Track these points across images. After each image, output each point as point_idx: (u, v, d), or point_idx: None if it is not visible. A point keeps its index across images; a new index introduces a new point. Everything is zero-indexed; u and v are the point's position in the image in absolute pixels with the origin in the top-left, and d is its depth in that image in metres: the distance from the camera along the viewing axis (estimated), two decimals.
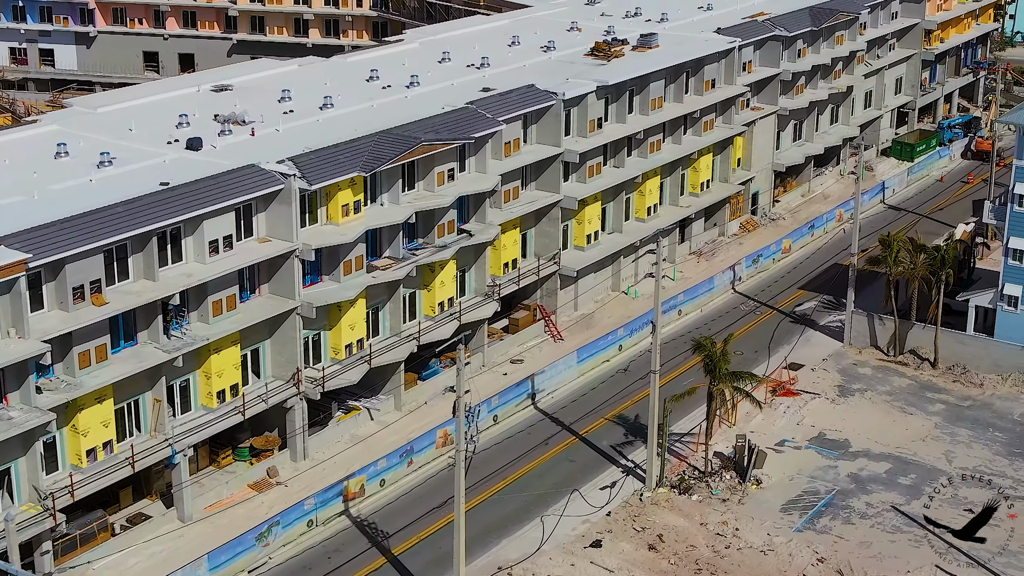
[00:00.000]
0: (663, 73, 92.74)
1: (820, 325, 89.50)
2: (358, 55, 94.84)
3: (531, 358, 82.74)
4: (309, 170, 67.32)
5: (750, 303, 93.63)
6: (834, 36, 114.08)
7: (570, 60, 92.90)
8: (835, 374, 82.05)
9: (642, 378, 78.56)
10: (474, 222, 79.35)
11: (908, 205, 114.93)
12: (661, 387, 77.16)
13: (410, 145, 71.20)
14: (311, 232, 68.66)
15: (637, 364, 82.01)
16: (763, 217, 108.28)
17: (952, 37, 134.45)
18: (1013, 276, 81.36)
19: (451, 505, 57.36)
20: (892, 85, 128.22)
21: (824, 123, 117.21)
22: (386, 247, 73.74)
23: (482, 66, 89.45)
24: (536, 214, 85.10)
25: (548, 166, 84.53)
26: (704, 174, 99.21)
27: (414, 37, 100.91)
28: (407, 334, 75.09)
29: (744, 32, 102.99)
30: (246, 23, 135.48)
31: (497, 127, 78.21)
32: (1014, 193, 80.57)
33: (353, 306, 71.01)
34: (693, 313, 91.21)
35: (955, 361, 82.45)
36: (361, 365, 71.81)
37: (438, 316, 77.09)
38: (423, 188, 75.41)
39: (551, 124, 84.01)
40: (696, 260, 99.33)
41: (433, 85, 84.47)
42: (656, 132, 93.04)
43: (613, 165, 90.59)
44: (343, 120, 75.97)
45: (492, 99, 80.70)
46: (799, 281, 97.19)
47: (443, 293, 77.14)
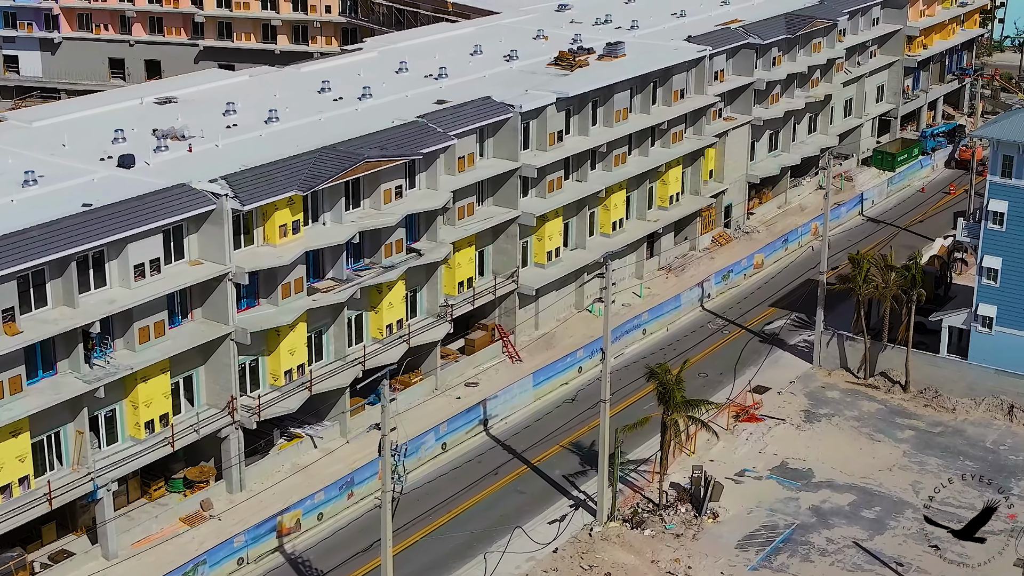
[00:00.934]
0: (628, 83, 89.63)
1: (789, 345, 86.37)
2: (312, 65, 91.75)
3: (487, 380, 79.66)
4: (242, 189, 64.23)
5: (718, 321, 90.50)
6: (811, 43, 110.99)
7: (532, 70, 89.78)
8: (802, 398, 78.93)
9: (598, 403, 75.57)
10: (425, 240, 76.28)
11: (888, 217, 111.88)
12: (621, 411, 74.73)
13: (352, 162, 68.08)
14: (246, 254, 65.54)
15: (595, 387, 78.58)
16: (737, 230, 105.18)
17: (936, 43, 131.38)
18: (987, 296, 78.26)
19: None
20: (873, 93, 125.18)
21: (802, 132, 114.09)
22: (329, 268, 70.67)
23: (440, 77, 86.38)
24: (493, 231, 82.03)
25: (505, 181, 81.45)
26: (673, 187, 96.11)
27: (374, 46, 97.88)
28: (352, 358, 71.98)
29: (716, 40, 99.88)
30: (213, 29, 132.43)
31: (448, 142, 75.14)
32: (988, 210, 77.46)
33: (293, 330, 67.92)
34: (658, 332, 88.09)
35: (927, 384, 79.32)
36: (301, 392, 68.70)
37: (386, 339, 74.00)
38: (369, 206, 72.33)
39: (508, 138, 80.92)
40: (665, 276, 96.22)
41: (386, 97, 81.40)
42: (622, 144, 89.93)
43: (576, 179, 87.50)
44: (287, 135, 72.90)
45: (445, 112, 77.63)
46: (770, 298, 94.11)
47: (391, 315, 74.08)
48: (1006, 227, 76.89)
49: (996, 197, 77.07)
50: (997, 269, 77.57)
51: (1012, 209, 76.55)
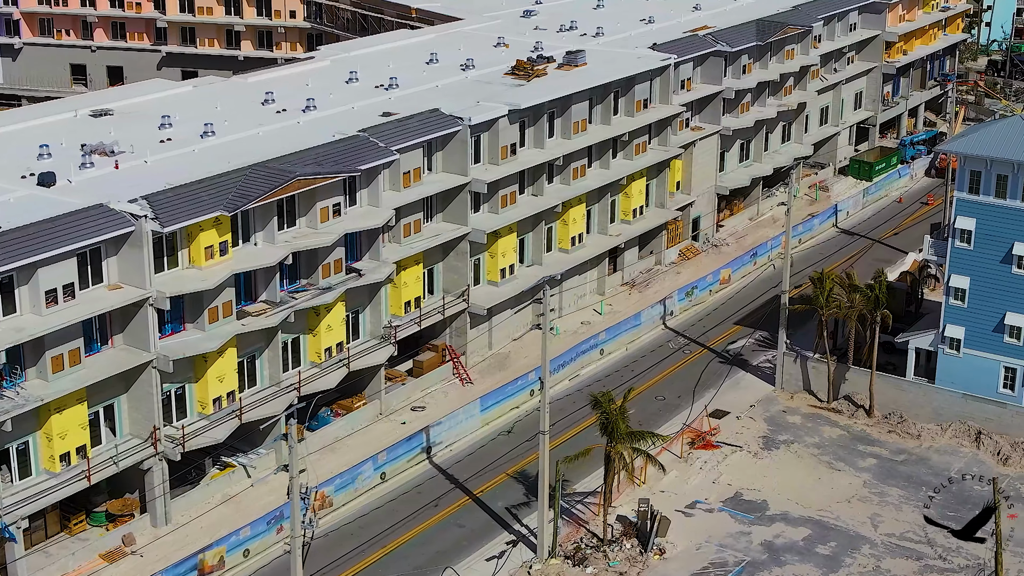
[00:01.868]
0: (587, 94, 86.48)
1: (752, 366, 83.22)
2: (260, 75, 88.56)
3: (435, 404, 76.55)
4: (163, 210, 61.10)
5: (680, 340, 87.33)
6: (784, 50, 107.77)
7: (488, 80, 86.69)
8: (761, 423, 75.79)
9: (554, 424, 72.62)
10: (367, 259, 73.16)
11: (863, 229, 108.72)
12: (573, 437, 71.80)
13: (283, 180, 64.96)
14: (168, 278, 62.42)
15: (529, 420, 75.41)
16: (705, 243, 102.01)
17: (917, 49, 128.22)
18: (955, 317, 75.14)
19: None
20: (851, 100, 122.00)
21: (775, 142, 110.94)
22: (262, 290, 67.55)
23: (390, 87, 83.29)
24: (443, 248, 78.92)
25: (455, 196, 78.34)
26: (637, 200, 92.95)
27: (327, 54, 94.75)
28: (288, 384, 68.87)
29: (682, 48, 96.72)
30: (176, 35, 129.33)
31: (390, 157, 72.02)
32: (954, 228, 74.33)
33: (221, 356, 64.80)
34: (617, 352, 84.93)
35: (892, 408, 76.20)
36: (231, 420, 65.58)
37: (325, 363, 70.88)
38: (305, 225, 69.20)
39: (457, 151, 77.81)
40: (628, 292, 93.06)
41: (331, 109, 78.35)
42: (580, 157, 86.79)
43: (531, 193, 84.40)
44: (221, 150, 69.86)
45: (389, 126, 74.50)
46: (736, 315, 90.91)
47: (330, 338, 70.96)
48: (974, 245, 73.78)
49: (963, 214, 73.92)
50: (965, 289, 74.45)
51: (980, 227, 73.41)
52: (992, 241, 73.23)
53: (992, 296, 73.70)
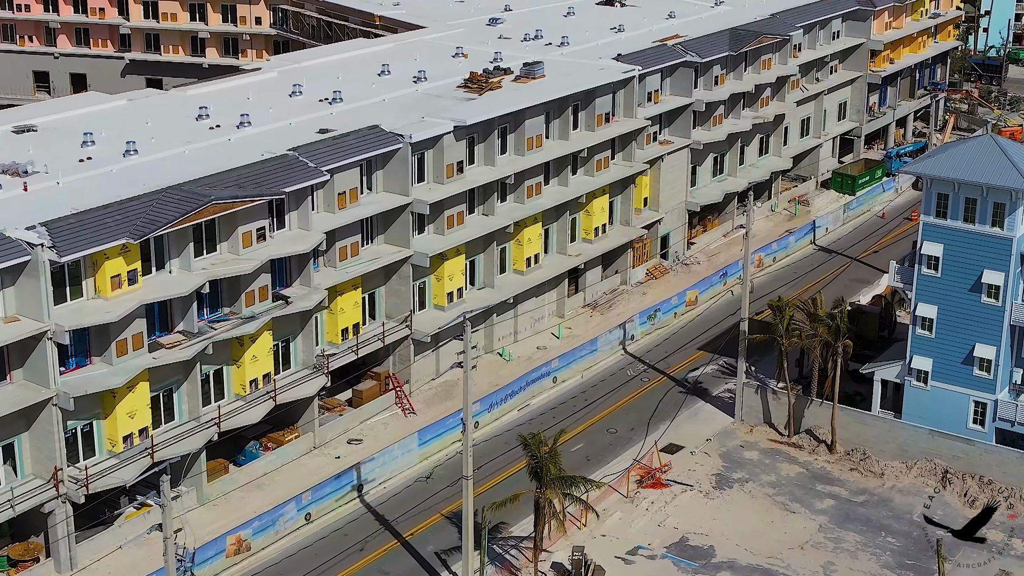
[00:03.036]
0: (542, 108, 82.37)
1: (712, 396, 79.06)
2: (200, 87, 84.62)
3: (373, 437, 72.60)
4: (63, 238, 57.27)
5: (639, 366, 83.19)
6: (760, 60, 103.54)
7: (438, 93, 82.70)
8: (716, 459, 71.63)
9: (494, 460, 68.91)
10: (298, 285, 69.22)
11: (841, 246, 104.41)
12: (516, 473, 67.78)
13: (196, 205, 61.02)
14: (70, 309, 58.57)
15: (490, 446, 71.57)
16: (675, 262, 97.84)
17: (904, 57, 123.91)
18: (922, 347, 70.97)
19: None
20: (835, 111, 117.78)
21: (752, 155, 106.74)
22: (179, 320, 63.65)
23: (334, 101, 79.38)
24: (385, 271, 74.97)
25: (396, 217, 74.35)
26: (599, 218, 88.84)
27: (274, 65, 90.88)
28: (208, 418, 64.96)
29: (649, 59, 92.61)
30: (141, 42, 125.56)
31: (320, 178, 68.04)
32: (921, 254, 70.09)
33: (132, 391, 60.93)
34: (572, 380, 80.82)
35: (856, 444, 72.04)
36: (142, 459, 61.70)
37: (250, 396, 66.95)
38: (227, 250, 65.27)
39: (398, 170, 73.84)
40: (590, 314, 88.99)
41: (266, 125, 74.46)
42: (535, 174, 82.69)
43: (482, 213, 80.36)
44: (141, 171, 66.01)
45: (322, 144, 70.55)
46: (700, 339, 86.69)
47: (256, 369, 67.04)
48: (941, 272, 69.60)
49: (930, 239, 69.71)
50: (932, 318, 70.25)
51: (948, 253, 69.21)
52: (960, 268, 69.03)
53: (961, 326, 69.54)
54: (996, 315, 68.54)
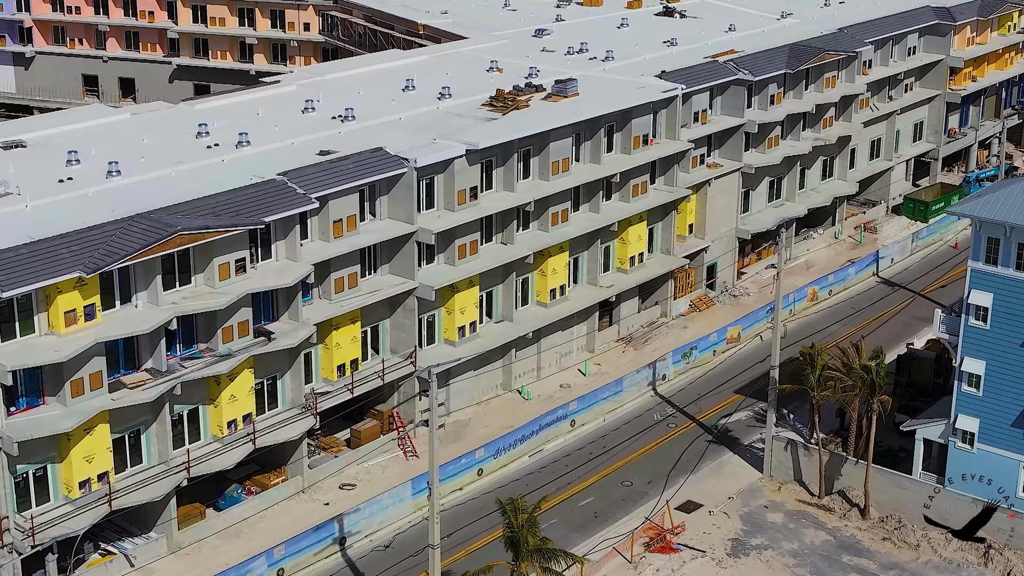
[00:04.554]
0: (570, 130, 76.76)
1: (743, 446, 72.80)
2: (210, 101, 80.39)
3: (368, 482, 67.69)
4: (8, 271, 53.14)
5: (667, 410, 77.15)
6: (823, 78, 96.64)
7: (459, 112, 77.53)
8: (736, 520, 65.45)
9: (484, 518, 63.51)
10: (285, 319, 64.51)
11: (906, 278, 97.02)
12: None
13: (160, 236, 56.53)
14: (16, 347, 54.45)
15: (485, 501, 66.02)
16: (722, 293, 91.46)
17: (989, 74, 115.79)
18: (968, 406, 64.08)
19: None
20: (909, 131, 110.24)
21: (814, 178, 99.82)
22: (147, 358, 59.27)
23: (346, 119, 74.68)
24: (390, 303, 70.02)
25: (401, 246, 69.35)
26: (636, 246, 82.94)
27: (296, 78, 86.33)
28: (178, 463, 60.51)
29: (695, 76, 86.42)
30: (189, 46, 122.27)
31: (308, 205, 63.23)
32: (968, 303, 63.21)
33: (90, 434, 56.72)
34: (592, 423, 75.05)
35: (892, 509, 65.36)
36: (100, 506, 57.41)
37: (228, 437, 62.40)
38: (203, 282, 60.75)
39: (403, 196, 68.85)
40: (623, 349, 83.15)
41: (267, 145, 69.96)
42: (561, 200, 77.08)
43: (500, 241, 75.00)
44: (120, 193, 61.91)
45: (316, 168, 65.72)
46: (737, 381, 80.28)
47: (235, 409, 62.45)
48: (991, 324, 62.65)
49: (979, 288, 62.78)
50: (980, 375, 63.32)
51: (998, 303, 62.25)
52: (1012, 320, 62.04)
53: (1011, 385, 62.54)
54: None
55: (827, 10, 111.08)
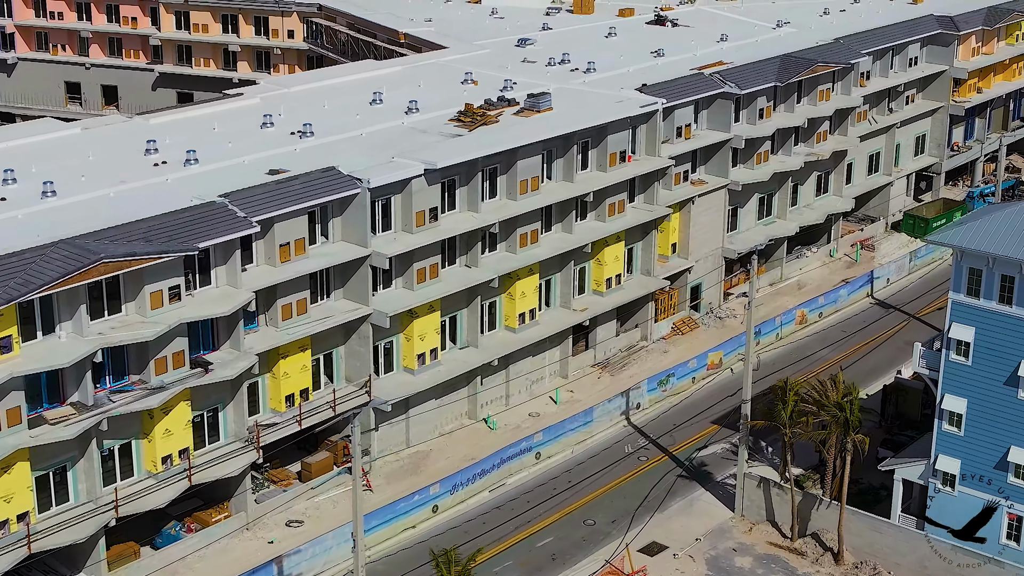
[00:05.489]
0: (539, 147, 73.23)
1: (715, 482, 69.11)
2: (166, 115, 77.14)
3: (317, 518, 64.39)
4: None
5: (640, 441, 73.54)
6: (817, 91, 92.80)
7: (425, 128, 74.16)
8: (701, 565, 61.81)
9: None
10: (227, 348, 61.24)
11: (903, 300, 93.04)
12: None
13: (81, 264, 53.31)
14: None
15: (444, 539, 62.61)
16: (708, 315, 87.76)
17: (996, 85, 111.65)
18: (949, 446, 60.32)
19: None
20: (910, 145, 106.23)
21: (808, 194, 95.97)
22: (72, 391, 56.08)
23: (304, 135, 71.44)
24: (345, 330, 66.68)
25: (355, 271, 66.01)
26: (613, 267, 79.34)
27: (260, 90, 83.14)
28: (107, 501, 57.32)
29: (678, 90, 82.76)
30: (172, 53, 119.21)
31: (247, 229, 59.91)
32: (949, 337, 59.40)
33: (8, 472, 53.62)
34: (560, 455, 71.52)
35: (868, 554, 61.68)
36: (18, 549, 54.27)
37: (163, 473, 59.18)
38: (134, 311, 57.51)
39: (356, 218, 65.47)
40: (598, 374, 79.57)
41: (216, 163, 66.82)
42: (530, 221, 73.56)
43: (465, 264, 71.58)
44: (52, 216, 58.74)
45: (262, 189, 62.40)
46: (716, 410, 76.56)
47: (170, 444, 59.24)
48: (972, 360, 58.84)
49: (960, 321, 59.02)
50: (961, 414, 59.52)
51: (981, 338, 58.48)
52: (995, 357, 58.27)
53: (994, 425, 58.79)
54: None
55: (826, 19, 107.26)
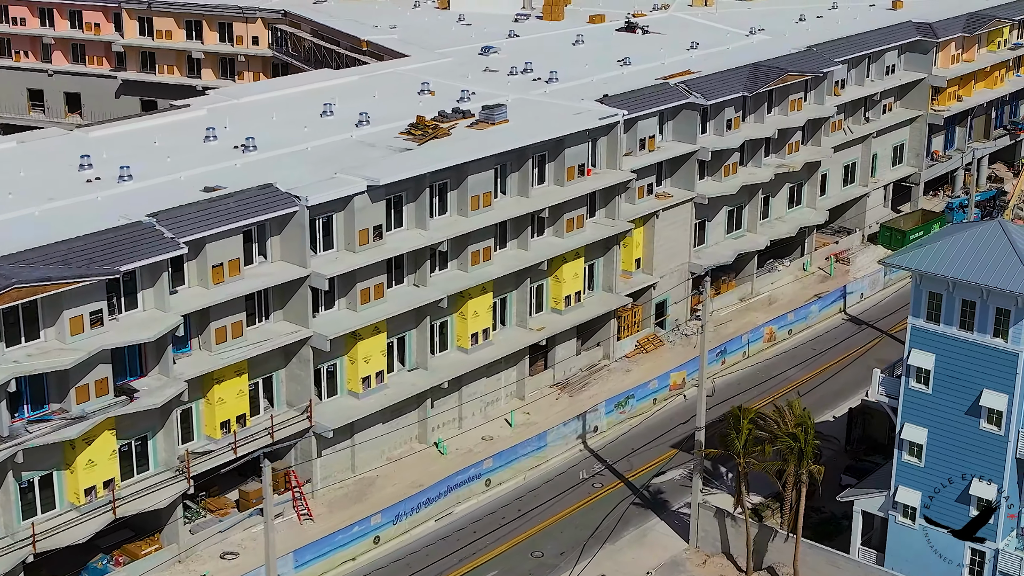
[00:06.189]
0: (491, 161, 70.64)
1: (671, 511, 66.50)
2: (107, 128, 74.38)
3: (254, 550, 61.50)
4: None
5: (596, 466, 70.96)
6: (788, 100, 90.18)
7: (373, 141, 71.58)
8: None
9: None
10: (156, 374, 58.63)
11: (876, 316, 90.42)
12: None
13: None
14: None
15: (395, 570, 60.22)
16: (674, 331, 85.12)
17: (977, 93, 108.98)
18: (909, 478, 57.76)
19: None
20: (888, 155, 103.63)
21: (780, 207, 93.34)
22: None
23: (247, 149, 68.89)
24: (284, 353, 64.06)
25: (294, 292, 63.38)
26: (572, 285, 76.72)
27: (208, 101, 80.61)
28: (24, 536, 54.72)
29: (640, 100, 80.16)
30: (136, 60, 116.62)
31: (174, 251, 57.26)
32: (909, 364, 56.77)
33: None
34: (511, 482, 68.97)
35: None
36: None
37: (86, 506, 56.58)
38: (53, 337, 54.90)
39: (295, 237, 62.85)
40: (557, 395, 76.94)
41: (151, 179, 64.20)
42: (483, 238, 70.95)
43: (413, 283, 68.97)
44: None
45: (194, 208, 59.74)
46: (676, 433, 73.89)
47: (93, 476, 56.61)
48: (933, 389, 56.22)
49: (920, 347, 56.40)
50: (922, 444, 56.90)
51: (941, 365, 55.86)
52: (956, 385, 55.69)
53: (955, 456, 56.20)
54: (998, 445, 55.05)
55: (802, 25, 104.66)
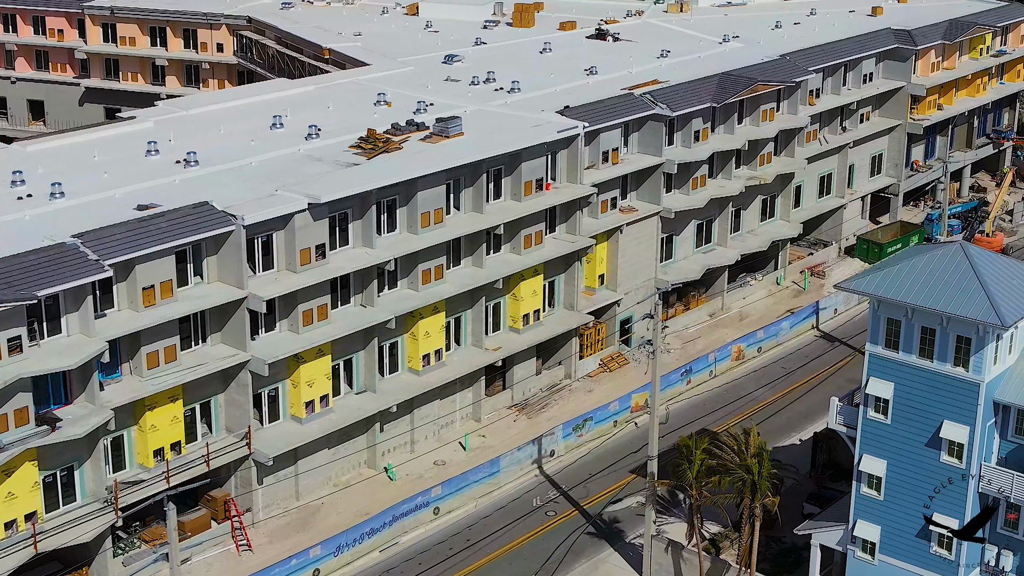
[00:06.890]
0: (443, 176, 68.13)
1: (626, 541, 63.97)
2: (46, 142, 72.03)
3: None
4: None
5: (551, 493, 68.44)
6: (759, 111, 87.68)
7: (321, 155, 69.09)
8: None
9: None
10: (82, 402, 56.13)
11: (850, 332, 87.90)
12: None
13: None
14: None
15: None
16: (639, 348, 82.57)
17: (958, 102, 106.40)
18: (868, 511, 55.27)
19: None
20: (866, 165, 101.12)
21: (752, 220, 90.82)
22: None
23: (188, 163, 66.37)
24: (223, 377, 61.55)
25: (232, 314, 60.88)
26: (530, 303, 74.24)
27: (159, 112, 78.29)
28: None
29: (603, 112, 77.67)
30: (99, 67, 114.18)
31: (97, 274, 54.74)
32: (867, 393, 54.27)
33: None
34: (461, 509, 66.49)
35: None
36: None
37: (5, 540, 54.09)
38: None
39: (232, 257, 60.36)
40: (515, 417, 74.43)
41: (83, 197, 61.73)
42: (434, 255, 68.46)
43: (360, 304, 66.45)
44: None
45: (121, 228, 57.15)
46: (636, 459, 71.33)
47: (13, 509, 54.19)
48: (892, 418, 53.73)
49: (878, 376, 53.92)
50: (880, 476, 54.40)
51: (900, 395, 53.37)
52: (915, 416, 53.22)
53: (915, 489, 53.72)
54: (959, 479, 52.52)
55: (777, 32, 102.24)
